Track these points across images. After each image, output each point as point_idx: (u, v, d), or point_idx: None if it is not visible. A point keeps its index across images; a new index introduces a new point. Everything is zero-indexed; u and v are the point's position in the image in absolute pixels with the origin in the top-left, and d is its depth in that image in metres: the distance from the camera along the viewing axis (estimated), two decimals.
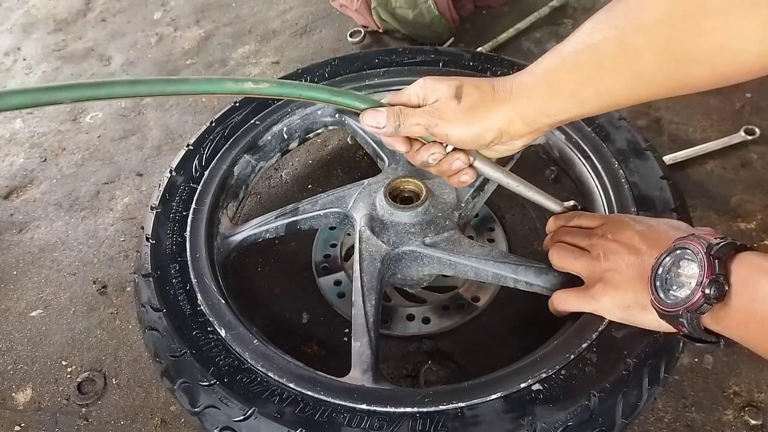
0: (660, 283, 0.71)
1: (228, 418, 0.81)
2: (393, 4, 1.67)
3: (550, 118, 0.77)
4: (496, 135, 0.79)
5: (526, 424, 0.75)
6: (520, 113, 0.77)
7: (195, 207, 1.10)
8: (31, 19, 2.20)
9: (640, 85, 0.69)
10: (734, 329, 0.64)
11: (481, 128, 0.78)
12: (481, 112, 0.78)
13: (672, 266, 0.71)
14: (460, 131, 0.79)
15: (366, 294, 0.95)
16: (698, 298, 0.65)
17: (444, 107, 0.79)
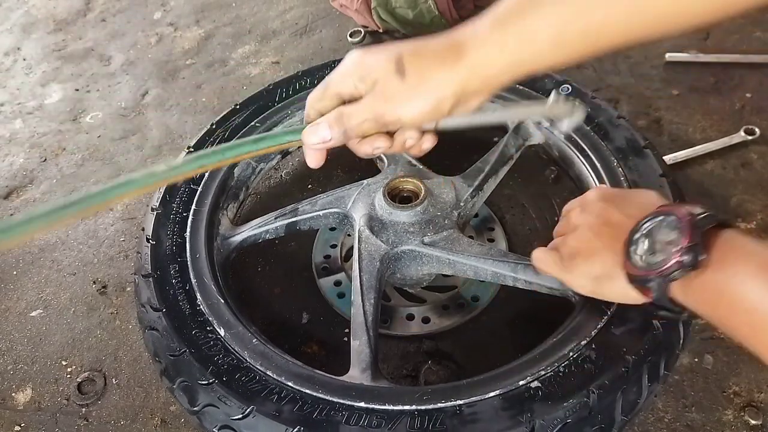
0: (635, 247, 0.69)
1: (227, 417, 0.81)
2: (393, 4, 1.67)
3: (512, 71, 0.66)
4: (453, 102, 0.68)
5: (525, 422, 0.75)
6: (477, 70, 0.66)
7: (195, 208, 1.10)
8: (31, 19, 2.20)
9: (636, 15, 0.61)
10: (702, 303, 0.63)
11: (436, 100, 0.67)
12: (432, 81, 0.66)
13: (651, 231, 0.68)
14: (413, 111, 0.68)
15: (365, 293, 0.95)
16: (672, 264, 0.63)
17: (387, 88, 0.68)
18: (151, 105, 1.74)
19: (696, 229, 0.63)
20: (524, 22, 0.63)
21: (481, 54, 0.65)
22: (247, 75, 1.79)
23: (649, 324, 0.84)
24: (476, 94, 0.69)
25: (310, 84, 1.32)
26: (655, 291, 0.67)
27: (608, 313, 0.85)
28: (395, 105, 0.68)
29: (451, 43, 0.67)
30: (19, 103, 1.82)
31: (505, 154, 1.17)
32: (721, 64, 1.54)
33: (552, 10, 0.62)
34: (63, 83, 1.88)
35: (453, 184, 1.09)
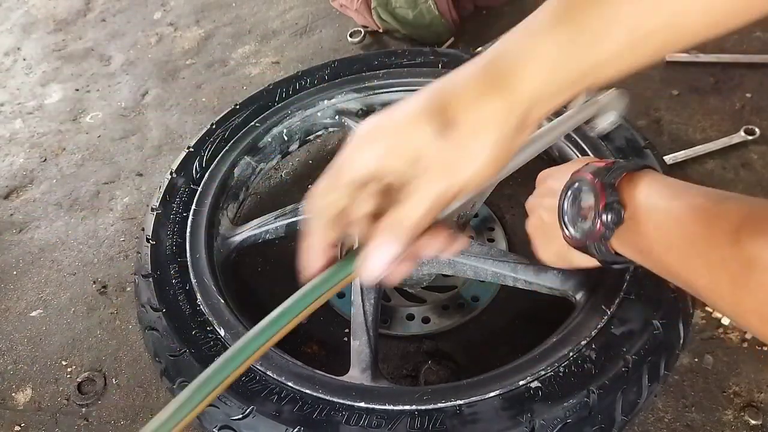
0: (567, 218, 0.71)
1: (227, 417, 0.81)
2: (393, 4, 1.67)
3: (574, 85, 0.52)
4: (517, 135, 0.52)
5: (525, 422, 0.75)
6: (534, 90, 0.50)
7: (195, 208, 1.10)
8: (31, 19, 2.20)
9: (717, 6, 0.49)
10: (637, 250, 0.64)
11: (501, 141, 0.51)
12: (486, 121, 0.50)
13: (574, 200, 0.70)
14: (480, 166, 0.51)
15: (365, 293, 0.95)
16: (599, 227, 0.64)
17: (438, 159, 0.50)
18: (151, 105, 1.74)
19: (607, 187, 0.64)
20: (589, 21, 0.49)
21: (534, 70, 0.50)
22: (247, 75, 1.79)
23: (649, 324, 0.84)
24: (535, 120, 0.53)
25: (310, 84, 1.32)
26: (597, 253, 0.68)
27: (608, 313, 0.85)
28: (457, 172, 0.51)
29: (490, 67, 0.51)
30: (19, 103, 1.82)
31: None
32: (721, 64, 1.54)
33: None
34: (63, 83, 1.88)
35: None
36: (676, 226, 0.57)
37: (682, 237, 0.56)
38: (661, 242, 0.60)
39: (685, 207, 0.57)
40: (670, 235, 0.58)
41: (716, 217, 0.53)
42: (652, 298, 0.86)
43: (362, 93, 1.31)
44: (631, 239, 0.64)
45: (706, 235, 0.53)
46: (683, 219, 0.56)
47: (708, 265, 0.53)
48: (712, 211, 0.54)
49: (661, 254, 0.60)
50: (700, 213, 0.55)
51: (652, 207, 0.61)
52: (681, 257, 0.57)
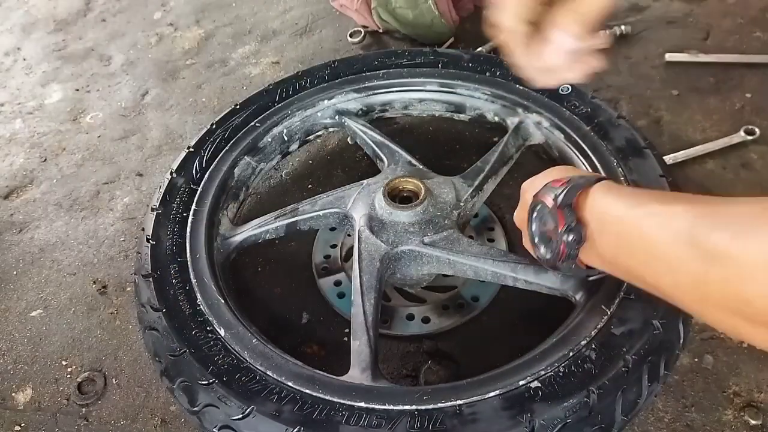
0: (537, 241, 0.74)
1: (227, 417, 0.81)
2: (393, 4, 1.67)
3: None
4: None
5: (525, 422, 0.75)
6: None
7: (195, 208, 1.10)
8: (31, 19, 2.20)
9: None
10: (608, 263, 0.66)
11: None
12: None
13: (539, 223, 0.73)
14: None
15: (365, 293, 0.95)
16: (563, 248, 0.68)
17: None
18: (151, 105, 1.74)
19: (563, 209, 0.67)
20: None
21: None
22: (247, 75, 1.79)
23: (649, 324, 0.84)
24: None
25: (310, 84, 1.32)
26: (568, 271, 0.72)
27: (608, 313, 0.85)
28: None
29: None
30: (19, 103, 1.82)
31: (505, 154, 1.17)
32: (721, 64, 1.54)
33: None
34: (63, 83, 1.88)
35: (453, 184, 1.09)
36: (635, 233, 0.60)
37: (641, 242, 0.59)
38: (624, 250, 0.62)
39: (641, 213, 0.59)
40: (631, 242, 0.61)
41: (670, 219, 0.55)
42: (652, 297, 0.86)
43: (362, 93, 1.31)
44: (595, 252, 0.67)
45: (663, 238, 0.56)
46: (641, 225, 0.59)
47: (669, 267, 0.55)
48: (666, 213, 0.56)
49: (626, 261, 0.63)
50: (655, 218, 0.58)
51: (610, 219, 0.64)
52: (643, 262, 0.59)
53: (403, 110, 1.35)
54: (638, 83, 1.54)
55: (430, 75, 1.31)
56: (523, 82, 1.23)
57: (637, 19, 1.72)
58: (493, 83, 1.26)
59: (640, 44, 1.64)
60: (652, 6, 1.76)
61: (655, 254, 0.57)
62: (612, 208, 0.64)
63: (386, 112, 1.36)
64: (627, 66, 1.59)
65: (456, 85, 1.29)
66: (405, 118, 1.52)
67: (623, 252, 0.62)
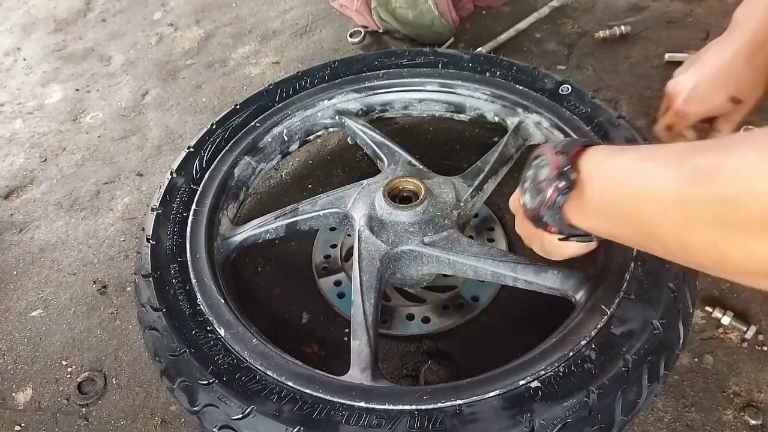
0: (528, 194, 0.74)
1: (227, 417, 0.81)
2: (393, 4, 1.67)
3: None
4: None
5: (525, 422, 0.75)
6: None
7: (195, 208, 1.10)
8: (31, 19, 2.21)
9: None
10: (594, 213, 0.66)
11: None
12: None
13: (534, 176, 0.73)
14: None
15: (365, 293, 0.95)
16: (552, 193, 0.68)
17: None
18: (151, 105, 1.74)
19: (560, 154, 0.67)
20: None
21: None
22: (247, 75, 1.79)
23: (648, 324, 0.84)
24: None
25: (310, 84, 1.32)
26: (553, 223, 0.71)
27: (608, 312, 0.85)
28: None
29: None
30: (19, 103, 1.82)
31: (505, 154, 1.17)
32: None
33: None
34: (63, 83, 1.88)
35: (453, 184, 1.09)
36: (626, 167, 0.60)
37: (630, 176, 0.59)
38: (611, 190, 0.62)
39: (634, 154, 0.60)
40: (620, 179, 0.61)
41: (663, 150, 0.56)
42: (652, 298, 0.86)
43: (362, 93, 1.31)
44: (581, 203, 0.66)
45: (653, 166, 0.56)
46: (633, 162, 0.59)
47: (655, 192, 0.55)
48: (660, 148, 0.58)
49: (612, 203, 0.62)
50: (648, 152, 0.58)
51: (604, 164, 0.64)
52: (632, 195, 0.59)
53: (403, 110, 1.35)
54: (638, 83, 1.54)
55: (430, 75, 1.31)
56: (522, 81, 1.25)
57: (637, 19, 1.72)
58: (493, 83, 1.26)
59: (640, 44, 1.64)
60: (652, 6, 1.76)
61: (643, 184, 0.57)
62: (607, 155, 0.65)
63: (386, 112, 1.36)
64: (627, 66, 1.59)
65: (456, 85, 1.29)
66: (405, 118, 1.52)
67: (610, 193, 0.62)
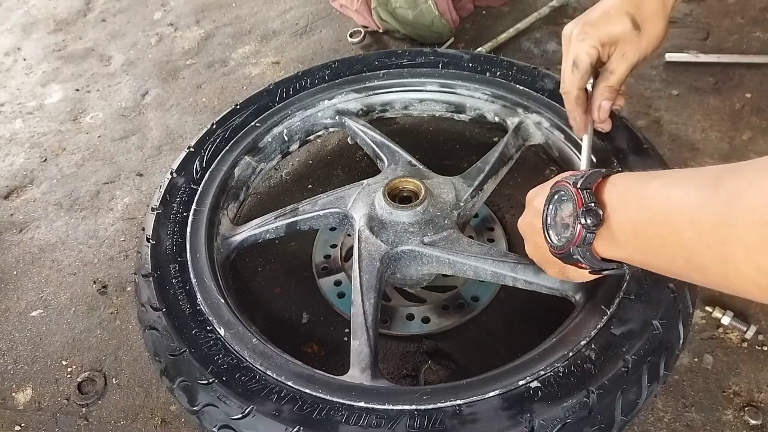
0: (551, 231, 0.73)
1: (226, 417, 0.81)
2: (393, 4, 1.67)
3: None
4: None
5: (524, 422, 0.75)
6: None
7: (195, 208, 1.10)
8: (31, 19, 2.20)
9: None
10: (626, 244, 0.64)
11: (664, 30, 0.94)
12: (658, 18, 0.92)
13: (555, 211, 0.73)
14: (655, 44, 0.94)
15: (365, 293, 0.95)
16: (579, 231, 0.66)
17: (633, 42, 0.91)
18: (151, 105, 1.74)
19: (583, 191, 0.66)
20: None
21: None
22: (247, 75, 1.79)
23: (648, 324, 0.84)
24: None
25: (311, 84, 1.32)
26: (584, 260, 0.69)
27: (608, 313, 0.85)
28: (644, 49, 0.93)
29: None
30: (19, 103, 1.82)
31: (505, 155, 1.17)
32: (721, 64, 1.54)
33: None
34: (63, 83, 1.88)
35: (453, 184, 1.09)
36: (657, 196, 0.59)
37: (662, 202, 0.58)
38: (643, 220, 0.60)
39: (662, 179, 0.59)
40: (651, 207, 0.59)
41: (692, 174, 0.55)
42: (652, 298, 0.86)
43: (363, 93, 1.31)
44: (611, 236, 0.65)
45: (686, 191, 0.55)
46: (662, 188, 0.58)
47: (690, 217, 0.53)
48: (688, 174, 0.56)
49: (643, 233, 0.61)
50: (676, 176, 0.57)
51: (631, 193, 0.63)
52: (665, 223, 0.57)
53: (404, 110, 1.35)
54: (638, 83, 1.54)
55: (431, 75, 1.31)
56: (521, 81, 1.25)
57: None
58: (493, 83, 1.26)
59: None
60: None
61: (677, 209, 0.55)
62: (634, 183, 0.64)
63: (386, 112, 1.36)
64: None
65: (456, 85, 1.29)
66: (405, 118, 1.52)
67: (642, 222, 0.61)
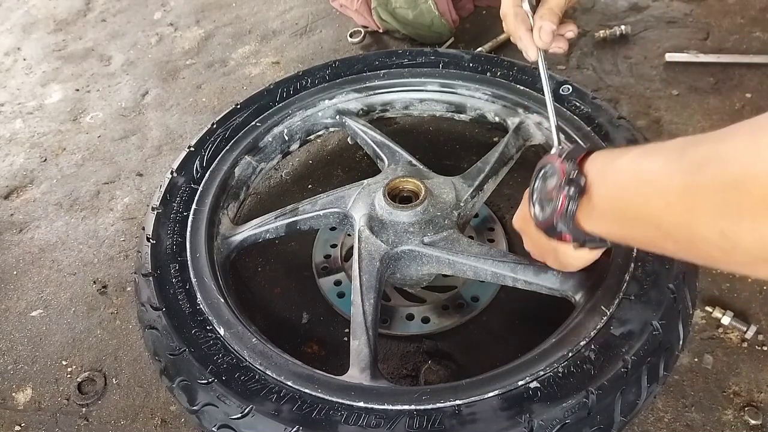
0: (537, 205, 0.74)
1: (226, 416, 0.81)
2: (393, 4, 1.67)
3: None
4: None
5: (523, 422, 0.75)
6: None
7: (196, 207, 1.10)
8: (31, 19, 2.21)
9: None
10: (605, 216, 0.65)
11: None
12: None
13: (541, 187, 0.74)
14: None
15: (365, 293, 0.95)
16: (563, 201, 0.67)
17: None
18: (151, 105, 1.74)
19: (567, 161, 0.68)
20: None
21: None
22: (247, 75, 1.79)
23: (648, 325, 0.84)
24: None
25: (311, 84, 1.32)
26: (567, 231, 0.70)
27: (608, 313, 0.85)
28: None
29: None
30: (19, 103, 1.82)
31: (506, 155, 1.17)
32: (721, 64, 1.54)
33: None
34: (63, 83, 1.88)
35: (453, 185, 1.09)
36: (631, 167, 0.60)
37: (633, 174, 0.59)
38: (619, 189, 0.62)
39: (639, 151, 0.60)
40: (626, 177, 0.61)
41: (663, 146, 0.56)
42: (652, 298, 0.86)
43: (363, 93, 1.31)
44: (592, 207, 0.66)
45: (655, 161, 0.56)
46: (633, 160, 0.60)
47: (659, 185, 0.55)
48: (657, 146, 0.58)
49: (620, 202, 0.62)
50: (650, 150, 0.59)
51: (608, 169, 0.65)
52: (636, 193, 0.59)
53: (404, 110, 1.35)
54: (638, 83, 1.54)
55: (431, 75, 1.31)
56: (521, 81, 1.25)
57: (637, 19, 1.72)
58: (493, 83, 1.26)
59: (640, 44, 1.64)
60: (652, 6, 1.76)
61: (646, 181, 0.57)
62: (611, 157, 0.65)
63: (387, 112, 1.36)
64: (627, 66, 1.59)
65: (457, 85, 1.29)
66: (405, 118, 1.52)
67: (617, 196, 0.63)
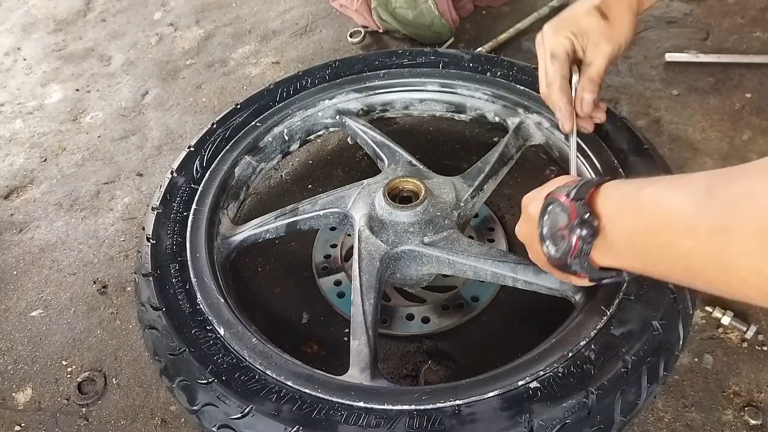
0: (548, 242, 0.73)
1: (226, 416, 0.81)
2: (393, 4, 1.67)
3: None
4: None
5: (523, 422, 0.75)
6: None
7: (196, 207, 1.10)
8: (31, 19, 2.20)
9: None
10: (624, 254, 0.64)
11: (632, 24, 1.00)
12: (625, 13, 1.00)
13: (550, 223, 0.72)
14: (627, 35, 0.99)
15: (365, 293, 0.95)
16: (576, 243, 0.66)
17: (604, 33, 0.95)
18: (151, 105, 1.74)
19: (577, 202, 0.66)
20: None
21: None
22: (247, 75, 1.79)
23: (648, 325, 0.84)
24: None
25: (311, 84, 1.32)
26: (581, 270, 0.69)
27: (608, 313, 0.85)
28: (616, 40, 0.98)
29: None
30: (20, 103, 1.82)
31: (506, 155, 1.17)
32: (721, 64, 1.54)
33: None
34: (63, 83, 1.88)
35: (453, 185, 1.09)
36: (651, 205, 0.59)
37: (657, 212, 0.58)
38: (639, 229, 0.61)
39: (658, 187, 0.59)
40: (646, 216, 0.59)
41: (687, 182, 0.55)
42: (652, 298, 0.86)
43: (363, 93, 1.31)
44: (608, 245, 0.65)
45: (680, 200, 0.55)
46: (657, 196, 0.58)
47: (686, 225, 0.54)
48: (682, 180, 0.57)
49: (641, 242, 0.61)
50: (671, 187, 0.57)
51: (626, 202, 0.63)
52: (659, 233, 0.58)
53: (404, 110, 1.35)
54: (638, 83, 1.54)
55: (431, 75, 1.31)
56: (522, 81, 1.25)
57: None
58: (493, 83, 1.26)
59: (640, 44, 1.64)
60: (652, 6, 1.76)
61: (672, 218, 0.55)
62: (627, 193, 0.64)
63: (387, 112, 1.36)
64: (627, 66, 1.59)
65: (457, 85, 1.29)
66: (405, 118, 1.52)
67: (638, 232, 0.61)
